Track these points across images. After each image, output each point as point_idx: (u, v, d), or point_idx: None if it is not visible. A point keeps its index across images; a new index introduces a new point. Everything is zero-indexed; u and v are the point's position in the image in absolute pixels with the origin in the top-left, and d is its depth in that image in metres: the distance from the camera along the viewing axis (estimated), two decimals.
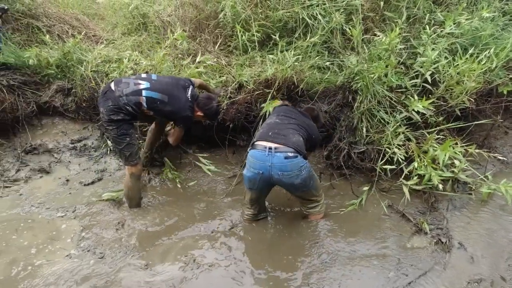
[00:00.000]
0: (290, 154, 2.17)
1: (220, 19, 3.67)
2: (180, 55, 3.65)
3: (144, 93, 2.46)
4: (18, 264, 2.17)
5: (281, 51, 3.41)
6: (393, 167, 2.72)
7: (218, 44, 3.76)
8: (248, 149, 2.38)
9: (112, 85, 2.49)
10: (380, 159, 2.84)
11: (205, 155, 3.21)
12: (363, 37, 3.22)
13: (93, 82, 3.42)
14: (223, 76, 3.37)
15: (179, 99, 2.56)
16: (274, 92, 3.08)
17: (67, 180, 3.06)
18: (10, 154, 3.25)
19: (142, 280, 2.04)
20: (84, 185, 3.01)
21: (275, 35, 3.42)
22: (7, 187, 2.97)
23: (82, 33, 4.11)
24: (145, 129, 3.34)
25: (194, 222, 2.52)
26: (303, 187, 2.27)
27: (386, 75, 3.01)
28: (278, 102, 2.91)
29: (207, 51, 3.72)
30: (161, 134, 3.09)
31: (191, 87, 2.70)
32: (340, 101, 3.30)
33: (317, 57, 3.35)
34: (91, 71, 3.48)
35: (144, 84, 2.49)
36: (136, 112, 2.48)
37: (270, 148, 2.19)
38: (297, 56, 3.20)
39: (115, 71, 3.46)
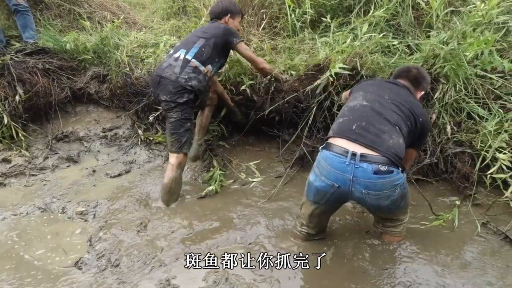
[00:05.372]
0: (382, 168, 1.51)
1: None
2: None
3: (189, 57, 2.29)
4: (28, 262, 1.88)
5: (334, 33, 2.87)
6: (503, 175, 2.08)
7: (262, 26, 3.31)
8: (320, 146, 1.72)
9: (161, 73, 2.31)
10: (477, 164, 2.20)
11: (255, 162, 2.58)
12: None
13: (127, 67, 3.16)
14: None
15: (217, 27, 2.38)
16: (331, 79, 2.50)
17: (94, 171, 2.80)
18: (41, 141, 3.07)
19: None
20: (110, 177, 2.72)
21: (326, 17, 2.88)
22: (33, 175, 2.77)
23: (121, 17, 3.91)
24: None
25: (228, 229, 2.05)
26: (390, 210, 1.69)
27: (479, 56, 2.35)
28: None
29: (251, 34, 3.30)
30: (211, 115, 2.78)
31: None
32: None
33: (381, 35, 2.72)
34: (126, 56, 3.23)
35: (181, 52, 2.33)
36: (203, 82, 2.33)
37: (353, 155, 1.54)
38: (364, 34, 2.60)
39: (151, 56, 3.18)
